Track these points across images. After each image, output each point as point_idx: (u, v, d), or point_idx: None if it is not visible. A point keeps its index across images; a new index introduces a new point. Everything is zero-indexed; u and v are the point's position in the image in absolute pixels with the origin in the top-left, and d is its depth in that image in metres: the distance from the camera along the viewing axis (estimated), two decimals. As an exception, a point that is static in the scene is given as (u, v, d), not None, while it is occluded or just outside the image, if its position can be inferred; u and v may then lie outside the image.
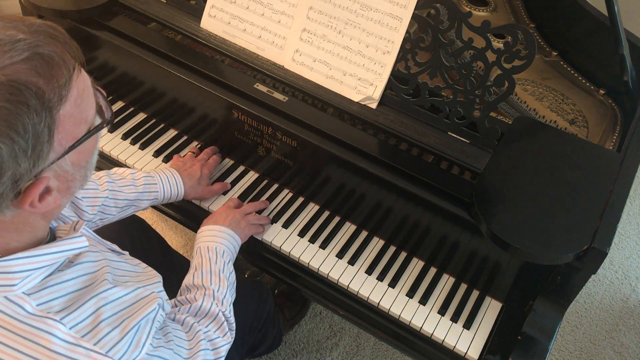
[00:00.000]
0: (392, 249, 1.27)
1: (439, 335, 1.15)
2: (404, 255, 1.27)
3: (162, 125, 1.46)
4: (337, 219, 1.31)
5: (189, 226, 1.35)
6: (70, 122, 0.64)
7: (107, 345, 0.69)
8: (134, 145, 1.41)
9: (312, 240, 1.27)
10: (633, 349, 1.88)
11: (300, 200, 1.34)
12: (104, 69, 1.47)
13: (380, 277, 1.22)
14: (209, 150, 1.37)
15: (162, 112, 1.45)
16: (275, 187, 1.36)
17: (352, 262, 1.24)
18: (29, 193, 0.63)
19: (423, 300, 1.19)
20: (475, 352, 1.13)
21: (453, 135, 1.19)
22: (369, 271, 1.23)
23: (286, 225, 1.29)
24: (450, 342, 1.14)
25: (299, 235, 1.27)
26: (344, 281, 1.21)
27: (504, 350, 1.12)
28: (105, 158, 1.42)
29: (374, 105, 1.22)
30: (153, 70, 1.35)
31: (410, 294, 1.20)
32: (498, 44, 1.24)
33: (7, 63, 0.58)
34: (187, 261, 1.53)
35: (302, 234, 1.28)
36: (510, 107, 1.37)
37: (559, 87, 1.45)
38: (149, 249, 1.36)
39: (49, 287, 0.69)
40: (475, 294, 1.22)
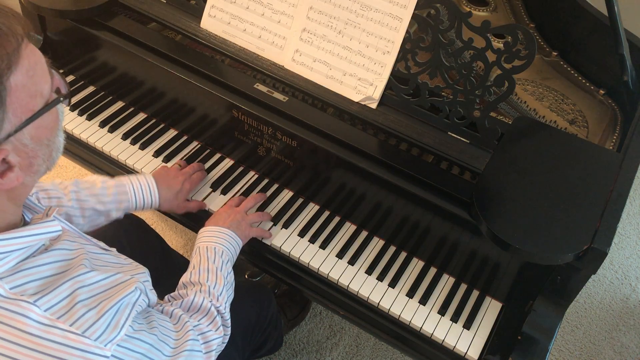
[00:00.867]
0: (392, 249, 1.27)
1: (439, 335, 1.15)
2: (404, 255, 1.27)
3: (162, 125, 1.46)
4: (337, 219, 1.31)
5: (189, 226, 1.35)
6: (23, 92, 0.66)
7: (83, 325, 0.69)
8: (134, 145, 1.41)
9: (312, 241, 1.27)
10: (633, 349, 1.88)
11: (300, 200, 1.34)
12: (104, 69, 1.47)
13: (380, 277, 1.22)
14: (195, 165, 1.34)
15: (162, 112, 1.45)
16: (275, 187, 1.36)
17: (352, 262, 1.24)
18: None
19: (423, 300, 1.19)
20: (475, 352, 1.13)
21: (453, 135, 1.19)
22: (369, 271, 1.23)
23: (286, 226, 1.29)
24: (450, 342, 1.14)
25: (299, 236, 1.27)
26: (344, 281, 1.21)
27: (504, 350, 1.12)
28: (106, 158, 1.42)
29: (374, 105, 1.22)
30: (153, 70, 1.35)
31: (410, 294, 1.20)
32: (498, 44, 1.24)
33: None
34: (186, 261, 1.52)
35: (302, 234, 1.28)
36: (510, 107, 1.37)
37: (559, 87, 1.45)
38: (148, 249, 1.36)
39: (23, 270, 0.69)
40: (475, 294, 1.22)
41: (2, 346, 0.66)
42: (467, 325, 1.16)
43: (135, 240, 1.32)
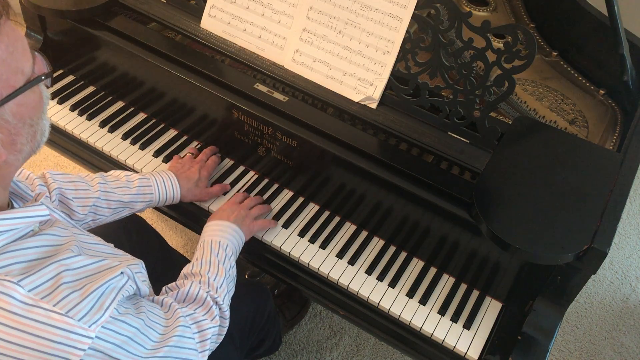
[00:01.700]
0: (392, 249, 1.27)
1: (439, 335, 1.15)
2: (404, 255, 1.27)
3: (162, 125, 1.46)
4: (337, 219, 1.31)
5: (189, 226, 1.35)
6: (3, 67, 0.66)
7: (67, 306, 0.69)
8: (134, 145, 1.41)
9: (312, 240, 1.27)
10: (633, 349, 1.88)
11: (300, 200, 1.34)
12: (104, 69, 1.47)
13: (380, 277, 1.22)
14: (207, 151, 1.36)
15: (162, 112, 1.45)
16: (276, 187, 1.36)
17: (352, 262, 1.24)
18: None
19: (423, 300, 1.19)
20: (475, 352, 1.13)
21: (453, 135, 1.19)
22: (369, 271, 1.23)
23: (286, 225, 1.29)
24: (450, 342, 1.14)
25: (299, 236, 1.27)
26: (344, 281, 1.21)
27: (504, 350, 1.12)
28: (106, 158, 1.42)
29: (374, 105, 1.22)
30: (153, 70, 1.35)
31: (410, 294, 1.20)
32: (498, 44, 1.24)
33: None
34: (186, 260, 1.53)
35: (302, 234, 1.28)
36: (510, 107, 1.37)
37: (559, 87, 1.45)
38: (148, 248, 1.36)
39: (9, 252, 0.70)
40: (476, 294, 1.22)
41: None
42: (467, 325, 1.16)
43: (135, 240, 1.32)
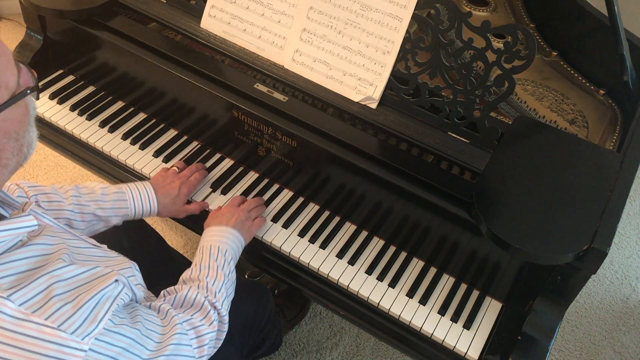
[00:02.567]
0: (392, 249, 1.27)
1: (439, 335, 1.15)
2: (404, 255, 1.27)
3: (162, 125, 1.46)
4: (337, 219, 1.31)
5: (189, 226, 1.35)
6: None
7: (59, 319, 0.68)
8: (134, 145, 1.41)
9: (312, 240, 1.27)
10: (633, 349, 1.88)
11: (300, 200, 1.34)
12: (104, 69, 1.47)
13: (380, 277, 1.22)
14: (193, 167, 1.33)
15: (162, 112, 1.45)
16: (276, 187, 1.36)
17: (352, 262, 1.24)
18: None
19: (423, 300, 1.19)
20: (475, 352, 1.13)
21: (453, 135, 1.19)
22: (369, 271, 1.23)
23: (286, 226, 1.29)
24: (450, 342, 1.14)
25: (299, 236, 1.27)
26: (344, 281, 1.21)
27: (504, 350, 1.12)
28: (106, 158, 1.42)
29: (374, 105, 1.22)
30: (153, 70, 1.35)
31: (410, 294, 1.20)
32: (498, 44, 1.24)
33: None
34: (186, 261, 1.53)
35: (302, 234, 1.28)
36: (510, 107, 1.37)
37: (559, 87, 1.45)
38: (147, 249, 1.36)
39: None
40: (476, 294, 1.22)
41: None
42: (467, 325, 1.16)
43: (135, 240, 1.32)
